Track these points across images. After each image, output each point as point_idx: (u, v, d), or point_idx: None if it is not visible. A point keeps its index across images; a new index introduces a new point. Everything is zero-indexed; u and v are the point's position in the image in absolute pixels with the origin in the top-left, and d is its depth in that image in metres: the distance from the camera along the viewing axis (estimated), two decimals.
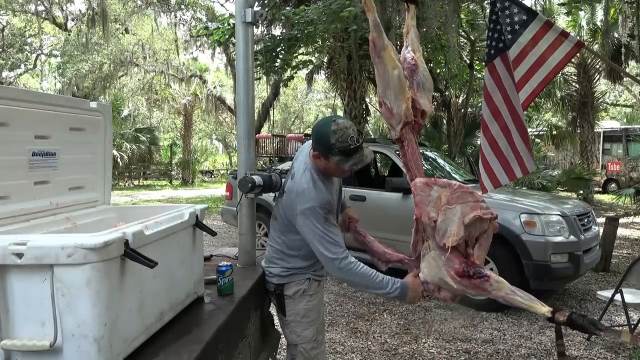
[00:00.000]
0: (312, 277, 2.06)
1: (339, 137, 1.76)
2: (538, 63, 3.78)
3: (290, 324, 2.06)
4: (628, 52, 11.49)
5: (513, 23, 3.86)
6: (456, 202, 1.63)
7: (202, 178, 28.16)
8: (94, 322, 1.12)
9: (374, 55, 1.88)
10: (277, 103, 19.69)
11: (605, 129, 17.18)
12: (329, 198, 1.88)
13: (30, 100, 1.49)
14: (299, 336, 2.04)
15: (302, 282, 2.04)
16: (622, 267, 6.06)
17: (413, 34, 2.07)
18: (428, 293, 1.79)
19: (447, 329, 4.02)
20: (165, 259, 1.45)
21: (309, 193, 1.85)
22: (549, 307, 1.50)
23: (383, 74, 1.87)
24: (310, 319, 2.05)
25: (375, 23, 1.83)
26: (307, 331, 2.04)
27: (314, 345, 2.05)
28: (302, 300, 2.04)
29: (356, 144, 1.77)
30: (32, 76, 27.43)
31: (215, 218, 9.98)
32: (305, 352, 2.04)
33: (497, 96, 3.82)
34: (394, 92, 1.87)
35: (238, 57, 2.41)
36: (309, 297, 2.05)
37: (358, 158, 1.80)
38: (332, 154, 1.80)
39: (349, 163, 1.80)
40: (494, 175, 3.76)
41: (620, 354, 3.52)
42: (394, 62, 1.86)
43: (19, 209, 1.47)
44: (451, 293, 1.74)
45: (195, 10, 17.79)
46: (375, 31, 1.84)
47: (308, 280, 2.05)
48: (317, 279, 2.09)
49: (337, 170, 1.87)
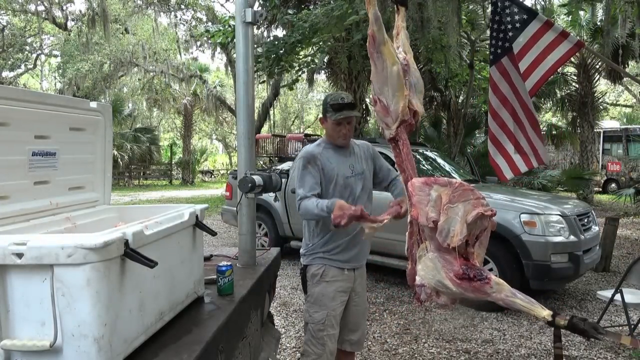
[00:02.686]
0: (330, 264, 2.22)
1: (333, 97, 2.25)
2: (537, 62, 3.81)
3: (307, 303, 2.28)
4: (628, 52, 11.48)
5: (514, 22, 3.87)
6: (458, 200, 1.59)
7: (202, 178, 28.16)
8: (94, 322, 1.12)
9: (373, 50, 1.83)
10: (277, 103, 19.70)
11: (605, 129, 17.16)
12: (314, 152, 2.22)
13: (30, 100, 1.49)
14: (310, 316, 2.23)
15: (320, 267, 2.23)
16: (622, 267, 6.06)
17: (403, 36, 2.05)
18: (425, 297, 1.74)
19: (447, 329, 4.02)
20: (165, 259, 1.45)
21: (304, 149, 2.29)
22: (549, 311, 1.47)
23: (381, 69, 1.83)
24: (323, 304, 2.21)
25: (376, 16, 1.79)
26: (318, 314, 2.21)
27: (320, 328, 2.20)
28: (318, 285, 2.23)
29: (346, 101, 2.19)
30: (32, 76, 27.44)
31: (215, 218, 9.98)
32: (313, 332, 2.22)
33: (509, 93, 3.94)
34: (392, 88, 1.82)
35: (238, 57, 2.41)
36: (325, 284, 2.22)
37: (346, 113, 2.17)
38: (327, 111, 2.21)
39: (336, 115, 2.17)
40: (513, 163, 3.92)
41: (620, 354, 3.52)
42: (394, 58, 1.82)
43: (19, 209, 1.47)
44: (449, 297, 1.69)
45: (196, 11, 17.79)
46: (376, 25, 1.80)
47: (325, 267, 2.22)
48: (337, 267, 2.23)
49: (334, 129, 2.22)
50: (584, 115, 12.82)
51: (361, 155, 2.35)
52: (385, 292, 5.08)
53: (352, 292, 2.33)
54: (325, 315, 2.20)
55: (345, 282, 2.27)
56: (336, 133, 2.24)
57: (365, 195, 2.32)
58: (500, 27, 3.96)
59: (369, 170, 2.38)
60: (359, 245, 2.29)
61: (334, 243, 2.23)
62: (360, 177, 2.30)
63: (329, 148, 2.28)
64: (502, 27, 3.94)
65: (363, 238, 2.05)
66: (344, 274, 2.25)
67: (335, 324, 2.24)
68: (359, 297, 2.38)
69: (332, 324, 2.22)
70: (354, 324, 2.37)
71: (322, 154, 2.24)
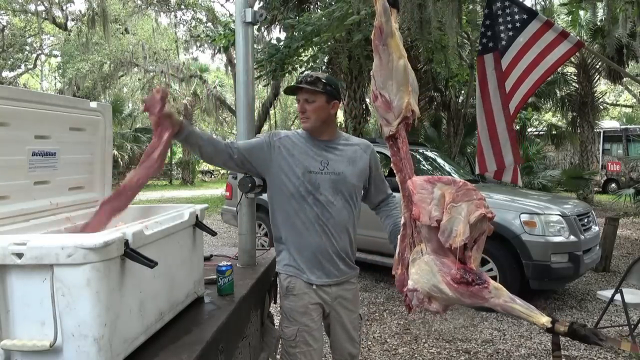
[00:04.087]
0: (297, 275, 1.93)
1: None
2: (536, 61, 3.82)
3: (280, 316, 2.02)
4: (628, 52, 11.47)
5: (514, 21, 3.88)
6: (462, 199, 1.53)
7: (202, 178, 28.15)
8: (94, 322, 1.12)
9: (378, 43, 1.76)
10: (277, 103, 19.68)
11: (605, 129, 17.14)
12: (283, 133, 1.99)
13: (30, 100, 1.49)
14: (282, 331, 1.98)
15: (286, 278, 1.95)
16: (622, 267, 6.06)
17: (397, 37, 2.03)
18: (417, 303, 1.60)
19: (447, 329, 4.02)
20: (165, 259, 1.45)
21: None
22: (548, 317, 1.43)
23: (387, 62, 1.76)
24: (293, 319, 1.93)
25: (385, 7, 1.74)
26: (288, 329, 1.94)
27: (292, 345, 1.92)
28: (286, 298, 1.96)
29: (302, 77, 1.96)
30: (32, 76, 27.42)
31: (215, 218, 9.97)
32: (286, 348, 1.97)
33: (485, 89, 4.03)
34: (397, 83, 1.76)
35: (238, 57, 2.41)
36: (294, 297, 1.93)
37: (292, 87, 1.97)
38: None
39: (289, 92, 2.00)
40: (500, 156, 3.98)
41: (620, 354, 3.52)
42: (400, 51, 1.75)
43: (19, 209, 1.47)
44: (442, 303, 1.58)
45: (196, 11, 17.79)
46: (384, 16, 1.75)
47: (291, 278, 1.94)
48: (305, 280, 1.92)
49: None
50: (584, 115, 12.82)
51: (349, 156, 1.99)
52: (385, 292, 5.08)
53: (332, 310, 1.98)
54: (297, 330, 1.91)
55: (318, 296, 1.94)
56: (300, 108, 1.96)
57: (340, 202, 1.93)
58: (492, 25, 3.99)
59: (355, 175, 1.98)
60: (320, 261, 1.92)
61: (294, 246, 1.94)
62: (335, 178, 1.92)
63: (304, 137, 1.97)
64: (493, 26, 3.97)
65: None
66: (312, 289, 1.92)
67: (312, 339, 1.92)
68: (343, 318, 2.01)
69: (306, 341, 1.91)
70: (337, 349, 2.06)
71: (290, 137, 1.96)
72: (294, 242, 1.94)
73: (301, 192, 1.89)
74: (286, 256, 1.97)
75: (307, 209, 1.90)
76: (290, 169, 1.91)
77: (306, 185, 1.89)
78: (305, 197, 1.90)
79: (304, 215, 1.90)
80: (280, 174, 1.92)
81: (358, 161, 2.01)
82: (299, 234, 1.92)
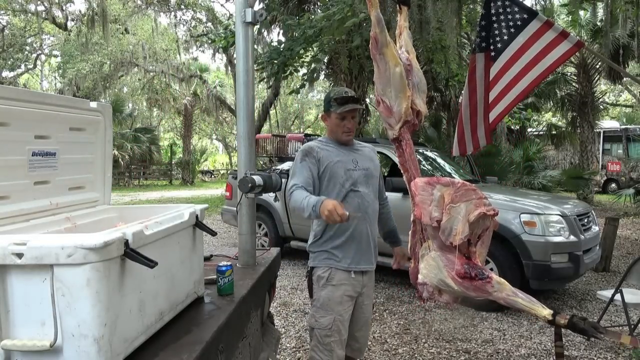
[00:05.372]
0: (336, 266, 2.16)
1: (336, 91, 2.23)
2: (536, 59, 3.85)
3: (313, 308, 2.21)
4: (628, 52, 11.48)
5: (514, 20, 3.89)
6: (460, 199, 1.61)
7: (202, 178, 28.17)
8: (94, 322, 1.12)
9: (375, 52, 1.86)
10: (277, 103, 19.69)
11: (605, 129, 17.15)
12: (314, 145, 2.21)
13: (30, 100, 1.49)
14: (317, 321, 2.16)
15: (326, 270, 2.17)
16: (622, 267, 6.06)
17: (406, 35, 2.06)
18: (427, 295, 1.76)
19: (447, 329, 4.02)
20: (165, 259, 1.45)
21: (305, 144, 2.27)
22: (549, 310, 1.49)
23: (384, 71, 1.86)
24: (330, 308, 2.14)
25: (378, 19, 1.82)
26: (324, 319, 2.14)
27: (327, 334, 2.13)
28: (324, 288, 2.16)
29: (349, 94, 2.17)
30: (32, 76, 27.43)
31: (215, 218, 9.97)
32: (319, 338, 2.15)
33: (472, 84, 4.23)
34: (395, 89, 1.85)
35: (238, 57, 2.41)
36: (332, 287, 2.15)
37: (350, 106, 2.15)
38: (331, 105, 2.19)
39: (340, 108, 2.15)
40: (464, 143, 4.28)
41: (620, 354, 3.52)
42: (396, 59, 1.84)
43: (19, 209, 1.47)
44: (451, 295, 1.71)
45: (196, 11, 17.79)
46: (378, 27, 1.82)
47: (331, 269, 2.16)
48: (344, 269, 2.16)
49: (337, 124, 2.19)
50: (583, 115, 12.82)
51: (367, 155, 2.31)
52: (385, 292, 5.08)
53: (360, 296, 2.26)
54: (332, 320, 2.13)
55: (352, 287, 2.19)
56: (340, 128, 2.21)
57: (372, 194, 2.24)
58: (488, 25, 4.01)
59: (377, 170, 2.32)
60: (360, 243, 2.20)
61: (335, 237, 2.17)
62: (365, 172, 2.23)
63: (331, 144, 2.25)
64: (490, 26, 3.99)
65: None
66: (351, 277, 2.18)
67: (343, 329, 2.17)
68: (365, 304, 2.30)
69: (340, 330, 2.15)
70: (358, 331, 2.31)
71: (321, 148, 2.21)
72: (338, 233, 2.16)
73: (346, 186, 2.16)
74: (326, 250, 2.19)
75: (350, 200, 2.15)
76: (336, 170, 2.17)
77: (349, 181, 2.17)
78: (349, 190, 2.16)
79: (349, 207, 2.06)
80: (329, 175, 2.18)
81: (374, 159, 2.35)
82: (345, 225, 2.09)
